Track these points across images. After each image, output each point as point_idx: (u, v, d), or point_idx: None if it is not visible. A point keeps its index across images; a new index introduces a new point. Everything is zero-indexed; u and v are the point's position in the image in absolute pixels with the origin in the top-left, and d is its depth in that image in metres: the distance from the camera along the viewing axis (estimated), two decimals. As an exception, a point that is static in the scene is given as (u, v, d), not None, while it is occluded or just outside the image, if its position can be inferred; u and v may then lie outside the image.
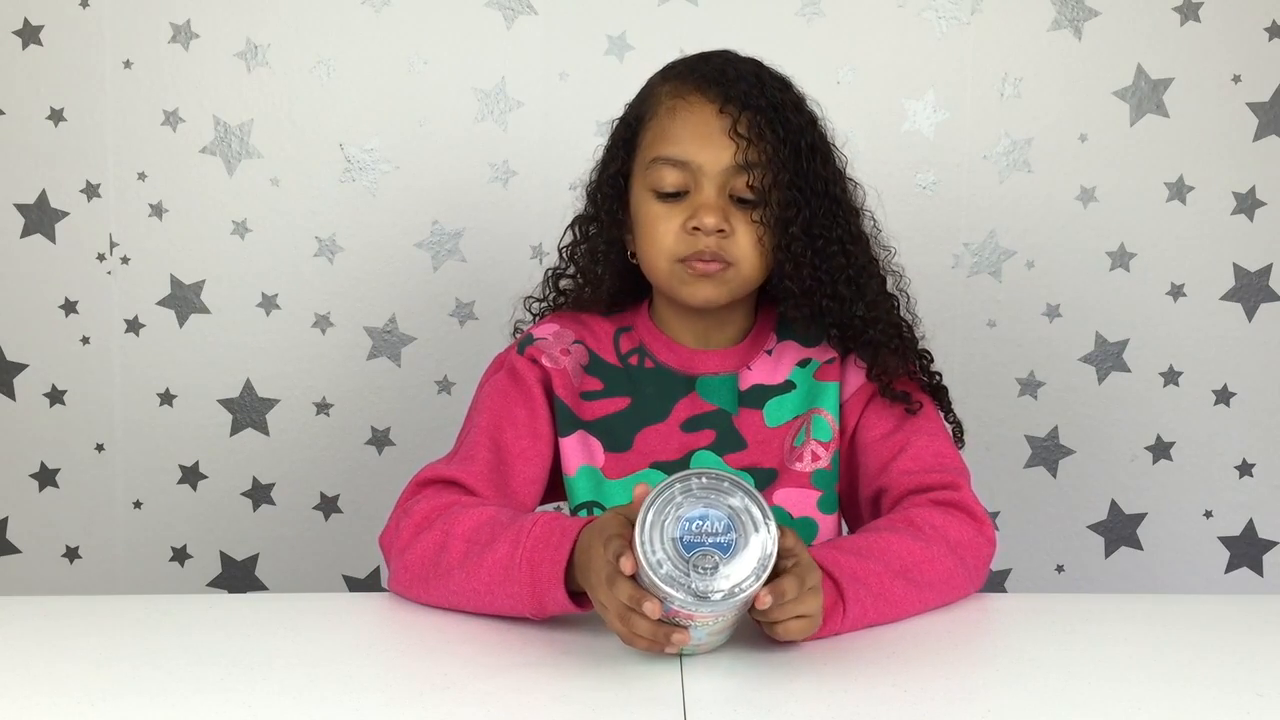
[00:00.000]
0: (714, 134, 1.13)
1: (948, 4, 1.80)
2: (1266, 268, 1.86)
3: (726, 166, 1.13)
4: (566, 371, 1.20)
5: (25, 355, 1.83)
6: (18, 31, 1.77)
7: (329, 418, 1.86)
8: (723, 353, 1.22)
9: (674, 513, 0.87)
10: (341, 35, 1.79)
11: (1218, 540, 1.92)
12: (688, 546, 0.86)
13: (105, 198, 1.80)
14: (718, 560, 0.86)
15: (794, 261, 1.14)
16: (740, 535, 0.87)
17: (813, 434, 1.20)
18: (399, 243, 1.82)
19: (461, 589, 1.03)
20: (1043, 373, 1.87)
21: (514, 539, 1.01)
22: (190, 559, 1.88)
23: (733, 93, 1.13)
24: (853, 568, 1.01)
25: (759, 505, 0.87)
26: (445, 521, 1.07)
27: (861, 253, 1.18)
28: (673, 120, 1.15)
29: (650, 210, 1.16)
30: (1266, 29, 1.81)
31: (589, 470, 1.19)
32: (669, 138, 1.15)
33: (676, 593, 0.85)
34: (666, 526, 0.87)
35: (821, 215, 1.15)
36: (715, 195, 1.14)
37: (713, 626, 0.90)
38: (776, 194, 1.13)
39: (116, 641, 0.99)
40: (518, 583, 0.99)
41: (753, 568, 0.86)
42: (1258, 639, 1.03)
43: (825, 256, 1.15)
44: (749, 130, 1.12)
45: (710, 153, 1.13)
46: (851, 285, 1.16)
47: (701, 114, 1.14)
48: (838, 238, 1.16)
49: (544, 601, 0.99)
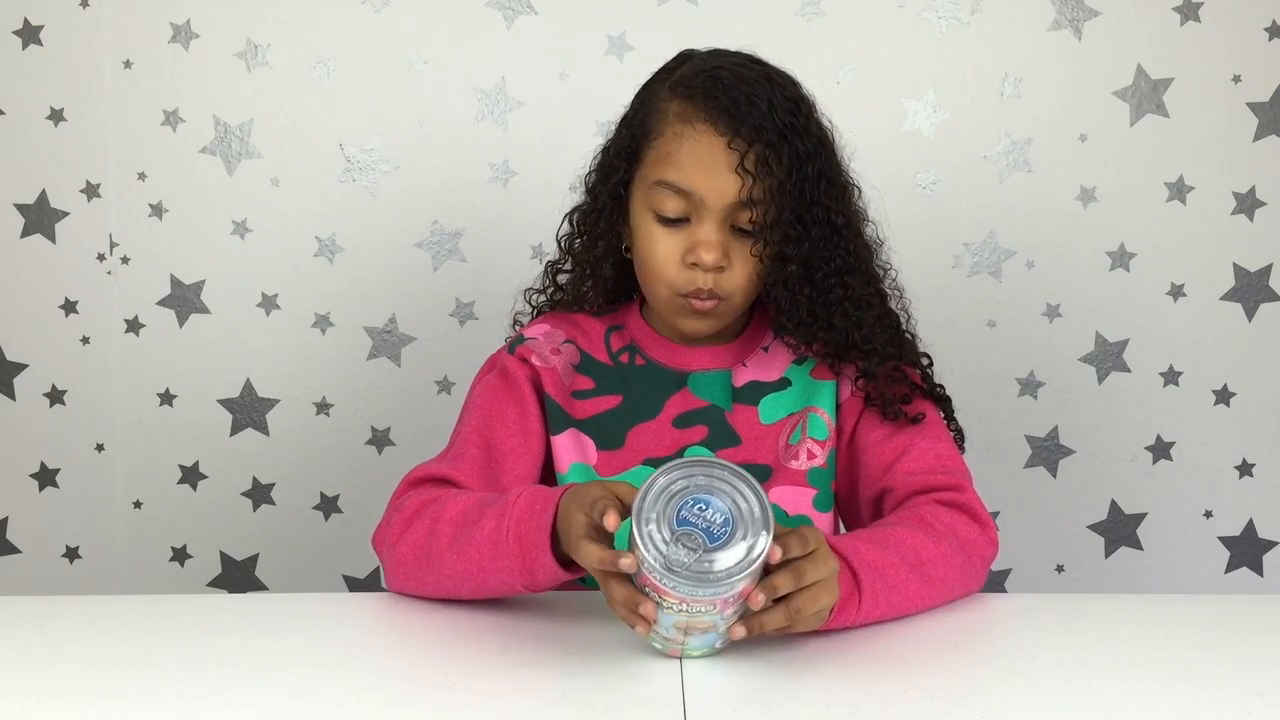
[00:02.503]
0: (720, 169, 1.11)
1: (948, 4, 1.80)
2: (1266, 268, 1.86)
3: (730, 202, 1.12)
4: (557, 370, 1.21)
5: (25, 355, 1.83)
6: (18, 31, 1.77)
7: (329, 418, 1.86)
8: (715, 350, 1.22)
9: (684, 486, 0.87)
10: (341, 35, 1.79)
11: (1218, 540, 1.92)
12: (681, 522, 0.87)
13: (105, 198, 1.80)
14: (702, 545, 0.86)
15: (790, 298, 1.14)
16: (734, 533, 0.87)
17: (808, 432, 1.20)
18: (399, 243, 1.82)
19: (454, 571, 1.04)
20: (1043, 373, 1.87)
21: (499, 513, 1.01)
22: (190, 559, 1.88)
23: (742, 127, 1.10)
24: (872, 558, 1.01)
25: (764, 511, 0.87)
26: (433, 510, 1.07)
27: (859, 281, 1.17)
28: (679, 146, 1.12)
29: (650, 232, 1.15)
30: (1266, 29, 1.81)
31: (581, 468, 1.19)
32: (674, 163, 1.13)
33: (650, 555, 0.85)
34: (674, 494, 0.87)
35: (822, 246, 1.14)
36: (716, 230, 1.13)
37: (676, 617, 0.89)
38: (778, 231, 1.12)
39: (116, 641, 0.99)
40: (507, 556, 0.99)
41: (732, 565, 0.86)
42: (1258, 639, 1.03)
43: (823, 290, 1.15)
44: (756, 167, 1.10)
45: (715, 186, 1.11)
46: (846, 318, 1.16)
47: (709, 147, 1.11)
48: (836, 269, 1.15)
49: (534, 571, 0.99)
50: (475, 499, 1.06)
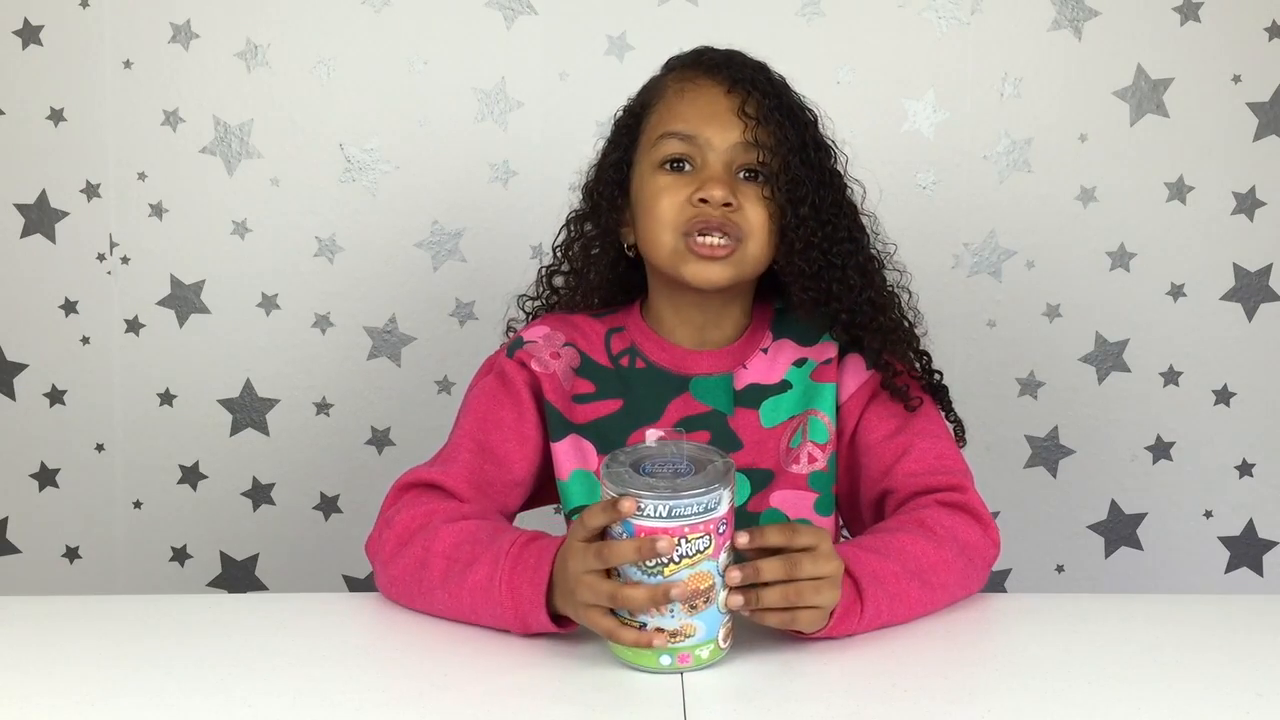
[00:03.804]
0: (722, 112, 1.14)
1: (948, 4, 1.80)
2: (1266, 268, 1.86)
3: (735, 143, 1.14)
4: (556, 376, 1.20)
5: (25, 355, 1.83)
6: (18, 31, 1.77)
7: (329, 418, 1.85)
8: (716, 353, 1.21)
9: (636, 452, 0.95)
10: (341, 35, 1.79)
11: (1218, 540, 1.92)
12: (646, 471, 0.93)
13: (105, 198, 1.80)
14: (677, 471, 0.92)
15: (805, 241, 1.14)
16: (698, 464, 0.93)
17: (809, 436, 1.19)
18: (399, 243, 1.82)
19: (446, 607, 1.04)
20: (1043, 373, 1.87)
21: (493, 559, 1.00)
22: (190, 559, 1.88)
23: (740, 75, 1.15)
24: (874, 567, 1.01)
25: (722, 458, 0.94)
26: (425, 538, 1.06)
27: (867, 244, 1.19)
28: (680, 100, 1.17)
29: (655, 183, 1.16)
30: (1266, 29, 1.81)
31: (582, 474, 1.18)
32: (676, 115, 1.16)
33: (635, 485, 0.90)
34: (638, 457, 0.95)
35: (829, 204, 1.16)
36: (722, 170, 1.14)
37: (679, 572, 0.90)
38: (785, 175, 1.13)
39: (116, 641, 0.99)
40: (499, 604, 0.99)
41: (709, 479, 0.91)
42: (1258, 639, 1.03)
43: (835, 240, 1.16)
44: (757, 111, 1.14)
45: (718, 129, 1.14)
46: (861, 272, 1.17)
47: (710, 94, 1.16)
48: (845, 226, 1.17)
49: (528, 622, 0.99)
50: (467, 532, 1.05)
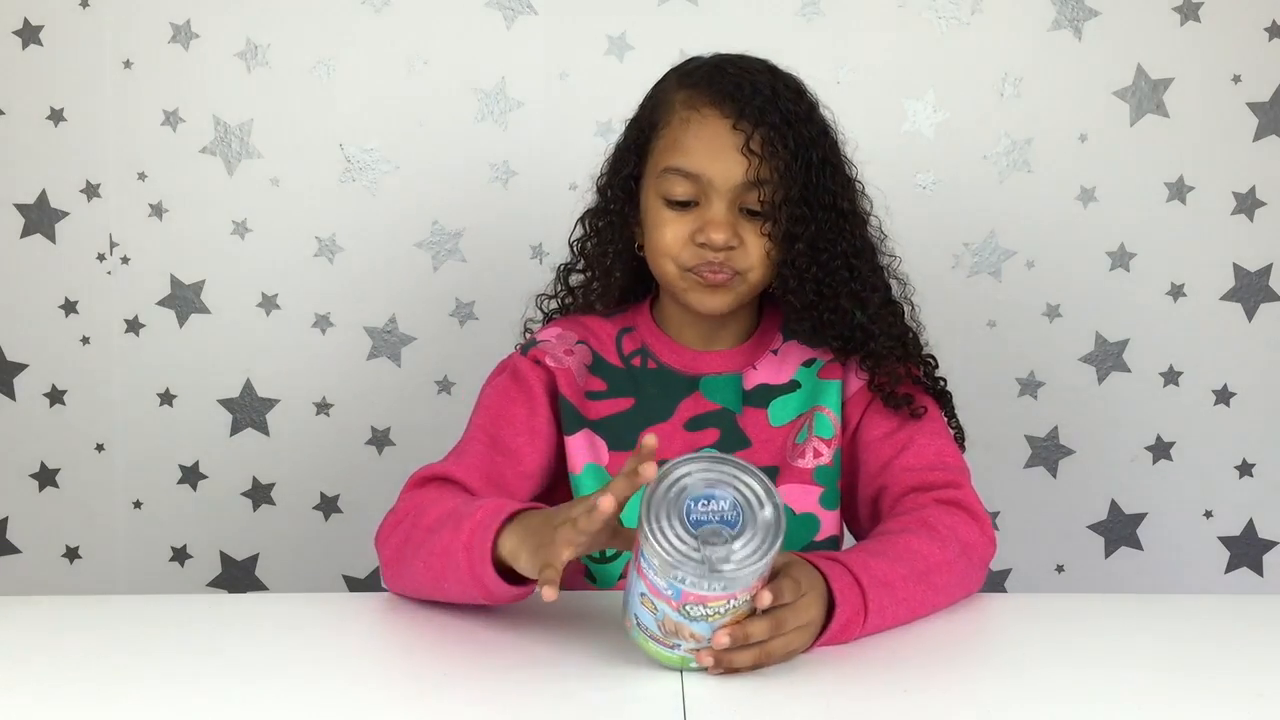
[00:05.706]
0: (726, 149, 1.13)
1: (948, 4, 1.80)
2: (1266, 268, 1.86)
3: (738, 183, 1.13)
4: (571, 370, 1.21)
5: (25, 355, 1.83)
6: (18, 31, 1.77)
7: (329, 418, 1.86)
8: (725, 353, 1.23)
9: (680, 493, 0.86)
10: (341, 35, 1.79)
11: (1218, 540, 1.92)
12: (695, 524, 0.86)
13: (105, 198, 1.80)
14: (728, 536, 0.85)
15: (798, 277, 1.15)
16: (746, 512, 0.86)
17: (815, 430, 1.20)
18: (399, 243, 1.82)
19: (422, 579, 1.04)
20: (1043, 373, 1.87)
21: (455, 524, 1.00)
22: (190, 559, 1.88)
23: (747, 109, 1.13)
24: (881, 572, 1.01)
25: (762, 483, 0.88)
26: (415, 514, 1.07)
27: (865, 265, 1.19)
28: (685, 132, 1.15)
29: (660, 216, 1.17)
30: (1266, 29, 1.81)
31: (595, 469, 1.19)
32: (681, 149, 1.15)
33: (687, 569, 0.84)
34: (673, 505, 0.86)
35: (828, 229, 1.15)
36: (725, 211, 1.14)
37: (722, 611, 0.88)
38: (785, 210, 1.13)
39: (116, 641, 0.99)
40: (458, 568, 0.98)
41: (761, 542, 0.86)
42: (1258, 639, 1.03)
43: (829, 271, 1.16)
44: (761, 148, 1.13)
45: (722, 168, 1.13)
46: (854, 299, 1.17)
47: (715, 129, 1.14)
48: (842, 251, 1.16)
49: (485, 583, 0.97)
50: (452, 505, 1.05)
